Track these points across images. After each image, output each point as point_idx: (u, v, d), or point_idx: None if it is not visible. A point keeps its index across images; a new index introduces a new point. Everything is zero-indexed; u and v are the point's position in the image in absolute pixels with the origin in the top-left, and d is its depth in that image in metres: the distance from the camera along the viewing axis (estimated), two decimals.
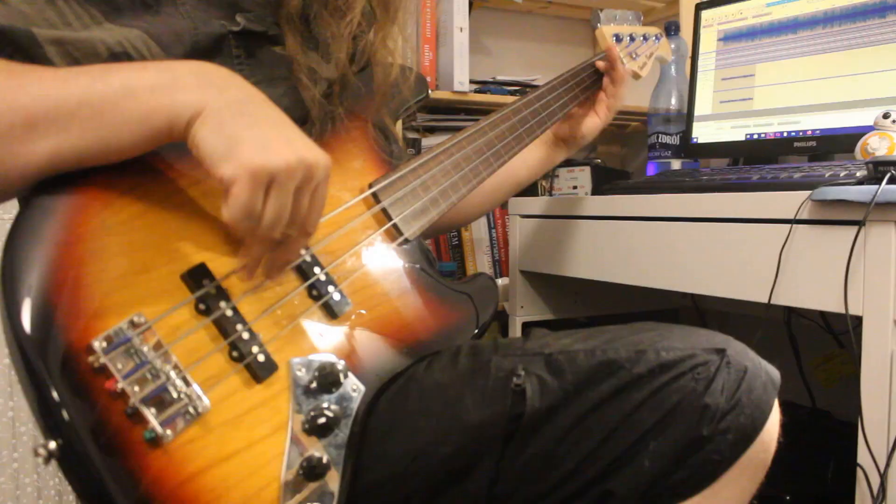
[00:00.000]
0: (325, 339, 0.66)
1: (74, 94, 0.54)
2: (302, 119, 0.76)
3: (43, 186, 0.55)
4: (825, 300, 0.84)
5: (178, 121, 0.55)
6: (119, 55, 0.62)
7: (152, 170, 0.61)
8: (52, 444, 0.49)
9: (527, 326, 1.43)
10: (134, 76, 0.56)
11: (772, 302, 0.89)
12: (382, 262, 0.75)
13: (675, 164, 1.48)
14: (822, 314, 1.31)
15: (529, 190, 1.28)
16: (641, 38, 1.22)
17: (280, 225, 0.58)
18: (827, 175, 0.91)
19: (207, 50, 0.69)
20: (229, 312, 0.60)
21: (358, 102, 0.82)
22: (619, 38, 1.18)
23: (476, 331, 0.81)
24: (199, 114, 0.55)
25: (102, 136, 0.54)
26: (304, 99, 0.74)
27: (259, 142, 0.55)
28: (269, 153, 0.55)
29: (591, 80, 1.11)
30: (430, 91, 0.94)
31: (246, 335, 0.60)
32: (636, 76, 1.21)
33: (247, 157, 0.54)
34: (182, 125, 0.56)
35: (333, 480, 0.60)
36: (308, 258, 0.68)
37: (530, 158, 1.15)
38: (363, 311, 0.71)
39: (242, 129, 0.56)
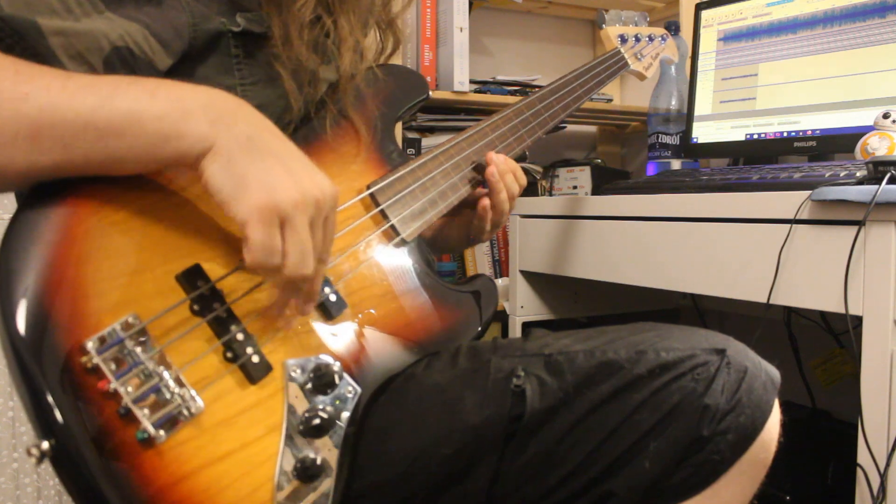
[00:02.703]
0: (320, 340, 0.66)
1: (81, 116, 0.53)
2: (301, 119, 0.76)
3: (39, 187, 0.55)
4: (825, 300, 0.83)
5: (187, 155, 0.56)
6: (121, 49, 0.62)
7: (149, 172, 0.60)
8: (45, 444, 0.49)
9: (527, 326, 1.43)
10: (143, 102, 0.55)
11: (772, 302, 0.89)
12: (380, 264, 0.75)
13: (675, 164, 1.48)
14: (822, 314, 1.31)
15: (529, 190, 1.28)
16: (647, 39, 1.21)
17: (307, 261, 0.58)
18: (827, 175, 0.91)
19: (206, 47, 0.68)
20: (223, 313, 0.60)
21: (357, 103, 0.81)
22: (624, 39, 1.18)
23: (464, 339, 0.80)
24: (208, 150, 0.55)
25: (106, 159, 0.54)
26: (286, 92, 0.72)
27: (265, 181, 0.56)
28: (275, 192, 0.56)
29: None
30: (430, 92, 0.93)
31: (240, 336, 0.60)
32: (641, 77, 1.21)
33: (254, 198, 0.55)
34: (191, 159, 0.56)
35: (328, 482, 0.60)
36: None
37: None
38: (359, 313, 0.71)
39: (249, 168, 0.56)
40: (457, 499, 0.67)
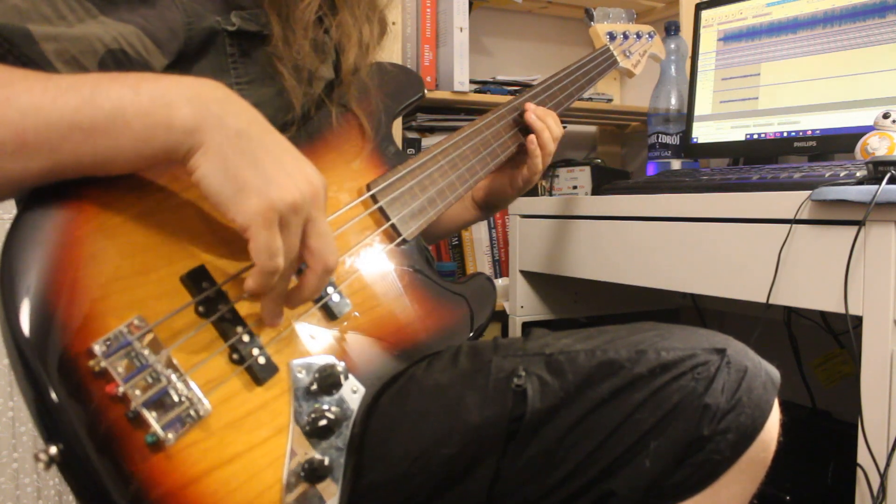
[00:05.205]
0: (324, 341, 0.66)
1: (65, 118, 0.52)
2: (300, 117, 0.76)
3: (42, 189, 0.55)
4: (825, 300, 0.84)
5: (176, 151, 0.55)
6: (115, 52, 0.62)
7: (152, 172, 0.60)
8: (53, 449, 0.48)
9: (527, 326, 1.43)
10: (126, 99, 0.53)
11: (772, 302, 0.90)
12: (381, 263, 0.75)
13: (675, 164, 1.48)
14: (822, 314, 1.31)
15: (530, 190, 1.28)
16: (635, 36, 1.21)
17: (296, 257, 0.58)
18: (827, 175, 0.91)
19: (201, 45, 0.68)
20: (229, 315, 0.60)
21: (358, 100, 0.82)
22: (612, 36, 1.18)
23: (472, 333, 0.81)
24: (198, 146, 0.55)
25: (96, 159, 0.54)
26: (286, 90, 0.72)
27: (263, 184, 0.55)
28: (272, 194, 0.55)
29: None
30: (427, 91, 0.94)
31: (246, 337, 0.60)
32: (630, 74, 1.22)
33: (254, 203, 0.54)
34: (180, 155, 0.55)
35: (335, 482, 0.60)
36: None
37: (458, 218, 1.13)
38: (363, 313, 0.71)
39: (244, 169, 0.55)
40: (457, 498, 0.68)
